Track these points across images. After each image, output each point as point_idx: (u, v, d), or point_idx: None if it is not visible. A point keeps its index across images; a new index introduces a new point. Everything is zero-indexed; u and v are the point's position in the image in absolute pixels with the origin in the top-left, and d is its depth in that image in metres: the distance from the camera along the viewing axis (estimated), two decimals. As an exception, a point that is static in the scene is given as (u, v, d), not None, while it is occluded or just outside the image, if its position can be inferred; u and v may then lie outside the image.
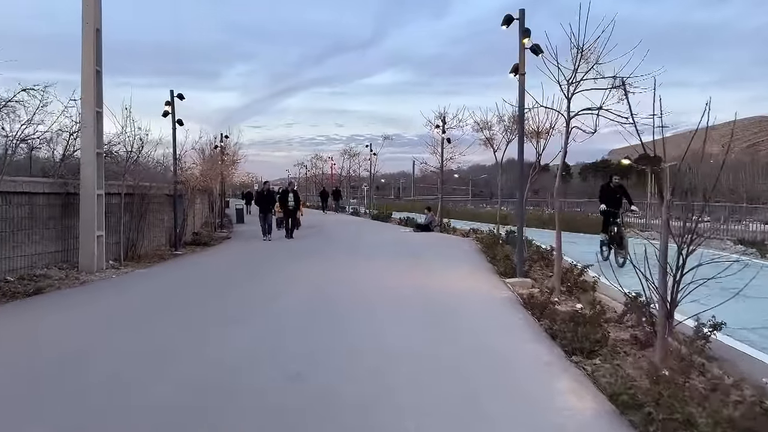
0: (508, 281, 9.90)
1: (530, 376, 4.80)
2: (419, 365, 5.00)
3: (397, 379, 4.62)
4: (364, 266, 11.76)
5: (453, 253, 14.60)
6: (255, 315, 7.16)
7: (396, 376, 4.69)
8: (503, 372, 4.91)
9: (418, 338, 5.93)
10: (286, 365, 4.94)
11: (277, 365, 4.96)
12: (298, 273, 10.88)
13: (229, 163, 34.33)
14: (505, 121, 17.56)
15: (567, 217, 27.85)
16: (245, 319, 6.92)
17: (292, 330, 6.22)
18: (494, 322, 6.79)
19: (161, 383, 4.49)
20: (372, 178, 38.31)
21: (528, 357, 5.26)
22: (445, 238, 19.36)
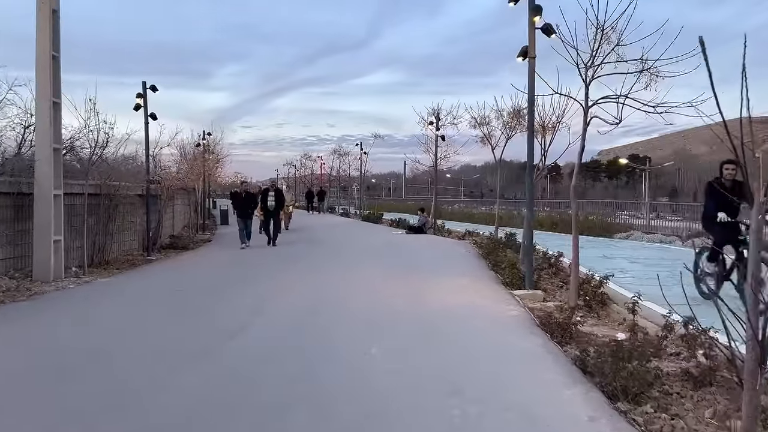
0: (516, 294, 8.71)
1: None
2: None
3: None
4: (351, 279, 10.34)
5: (451, 259, 13.40)
6: (209, 356, 5.38)
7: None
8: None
9: (415, 383, 4.71)
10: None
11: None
12: (275, 290, 9.26)
13: (213, 162, 33.07)
14: (504, 116, 16.40)
15: (566, 218, 26.78)
16: (190, 365, 5.67)
17: (247, 379, 4.85)
18: (508, 352, 5.58)
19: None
20: (362, 177, 37.04)
21: (563, 409, 4.04)
22: (439, 242, 18.16)
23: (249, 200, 17.04)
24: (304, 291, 9.10)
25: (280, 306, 7.87)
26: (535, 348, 5.66)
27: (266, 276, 10.95)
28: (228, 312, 7.44)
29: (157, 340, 6.07)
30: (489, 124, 16.97)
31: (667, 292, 3.79)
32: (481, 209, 39.99)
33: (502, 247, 13.79)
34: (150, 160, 16.17)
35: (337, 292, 8.95)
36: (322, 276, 10.75)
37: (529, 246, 9.11)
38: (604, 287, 8.35)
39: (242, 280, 10.50)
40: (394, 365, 5.03)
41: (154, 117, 14.93)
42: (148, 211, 15.05)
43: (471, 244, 16.75)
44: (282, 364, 5.10)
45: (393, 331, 6.34)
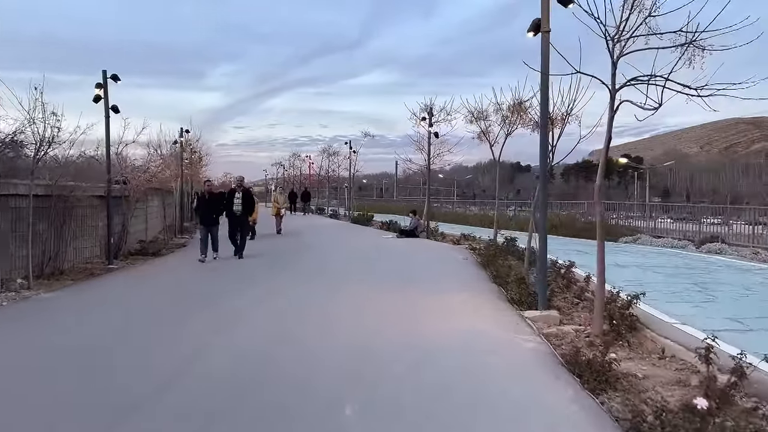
0: (527, 316, 7.27)
1: None
2: None
3: None
4: (328, 303, 8.24)
5: (447, 268, 11.94)
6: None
7: None
8: None
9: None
10: None
11: None
12: (226, 320, 7.19)
13: (194, 162, 31.47)
14: (503, 110, 14.97)
15: (566, 220, 25.44)
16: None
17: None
18: (529, 415, 4.11)
19: None
20: (352, 177, 35.52)
21: None
22: (434, 247, 16.70)
23: (213, 203, 14.08)
24: (266, 322, 7.13)
25: (233, 342, 6.38)
26: (565, 406, 4.21)
27: (223, 298, 9.26)
28: (162, 352, 5.90)
29: (57, 393, 4.58)
30: (487, 119, 15.53)
31: (707, 313, 2.34)
32: (474, 210, 38.58)
33: (503, 255, 12.35)
34: (115, 158, 14.64)
35: (308, 322, 7.01)
36: (292, 299, 8.69)
37: (543, 258, 7.66)
38: (633, 308, 6.92)
39: (193, 303, 8.78)
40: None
41: (116, 110, 13.39)
42: (109, 215, 13.50)
43: (468, 251, 15.32)
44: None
45: (376, 384, 4.86)
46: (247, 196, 14.55)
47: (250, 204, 14.56)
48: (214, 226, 13.89)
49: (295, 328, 6.69)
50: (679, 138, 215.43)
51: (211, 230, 13.82)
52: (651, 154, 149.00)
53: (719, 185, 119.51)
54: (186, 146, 24.66)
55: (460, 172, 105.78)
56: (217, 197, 14.40)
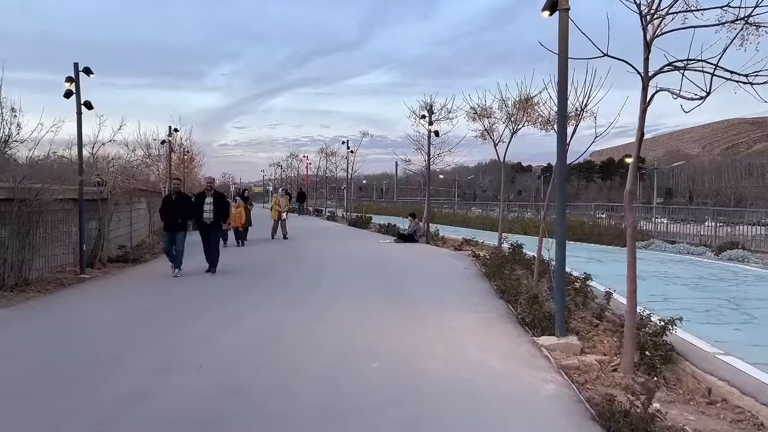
0: (543, 344, 6.20)
1: None
2: None
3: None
4: (304, 335, 6.68)
5: (448, 282, 10.84)
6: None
7: None
8: None
9: None
10: None
11: None
12: (196, 343, 6.22)
13: (186, 161, 30.43)
14: (508, 106, 13.91)
15: (573, 224, 24.36)
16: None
17: None
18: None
19: None
20: (350, 178, 34.42)
21: None
22: (434, 254, 15.60)
23: (180, 205, 11.62)
24: (231, 359, 5.74)
25: (185, 382, 5.30)
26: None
27: (201, 314, 8.21)
28: (88, 398, 4.85)
29: None
30: (491, 116, 14.46)
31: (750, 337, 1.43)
32: (476, 211, 37.49)
33: (509, 264, 11.27)
34: (90, 158, 13.61)
35: (273, 365, 5.50)
36: (267, 323, 7.30)
37: (561, 274, 6.57)
38: (668, 335, 5.85)
39: (149, 330, 7.65)
40: None
41: (88, 106, 12.33)
42: (81, 219, 12.43)
43: (471, 258, 14.24)
44: None
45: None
46: (220, 202, 12.14)
47: (224, 211, 12.23)
48: (178, 232, 11.55)
49: (255, 373, 5.34)
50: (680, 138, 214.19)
51: (175, 238, 11.50)
52: (653, 154, 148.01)
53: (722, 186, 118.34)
54: (174, 145, 23.59)
55: (461, 172, 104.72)
56: (186, 199, 12.11)
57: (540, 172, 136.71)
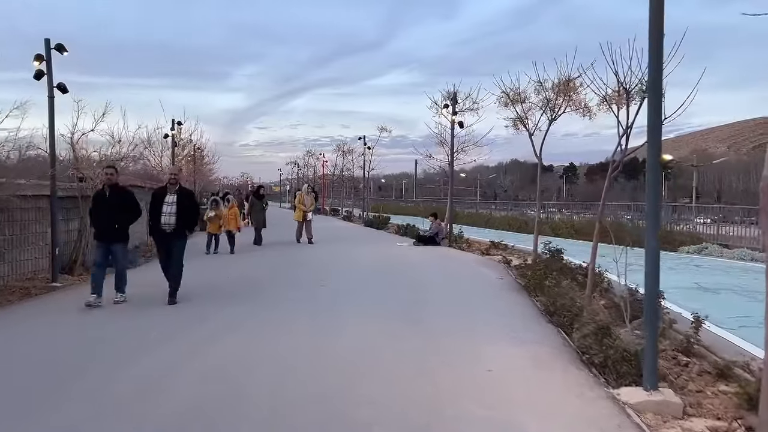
0: (626, 401, 4.32)
1: None
2: None
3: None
4: (293, 366, 5.16)
5: (479, 295, 8.96)
6: None
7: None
8: None
9: None
10: None
11: None
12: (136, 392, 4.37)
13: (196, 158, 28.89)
14: (546, 90, 11.99)
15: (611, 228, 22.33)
16: None
17: None
18: None
19: None
20: (367, 176, 32.62)
21: None
22: (459, 260, 13.70)
23: (116, 206, 8.26)
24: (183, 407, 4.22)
25: None
26: None
27: (159, 346, 6.40)
28: None
29: None
30: (525, 101, 12.56)
31: None
32: (500, 212, 35.47)
33: (552, 273, 9.36)
34: (71, 151, 11.99)
35: (249, 402, 4.24)
36: (236, 359, 5.42)
37: (652, 301, 4.66)
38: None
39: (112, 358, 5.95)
40: None
41: (63, 89, 10.70)
42: (53, 219, 10.78)
43: (502, 265, 12.35)
44: None
45: None
46: (186, 202, 8.53)
47: (190, 214, 8.60)
48: (115, 242, 8.27)
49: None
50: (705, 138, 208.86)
51: (111, 251, 8.27)
52: (676, 154, 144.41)
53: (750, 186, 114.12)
54: (178, 140, 22.00)
55: (482, 171, 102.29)
56: (126, 196, 8.50)
57: (562, 171, 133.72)
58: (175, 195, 8.50)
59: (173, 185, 8.62)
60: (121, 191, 8.56)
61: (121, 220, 8.32)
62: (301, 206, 17.77)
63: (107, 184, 8.39)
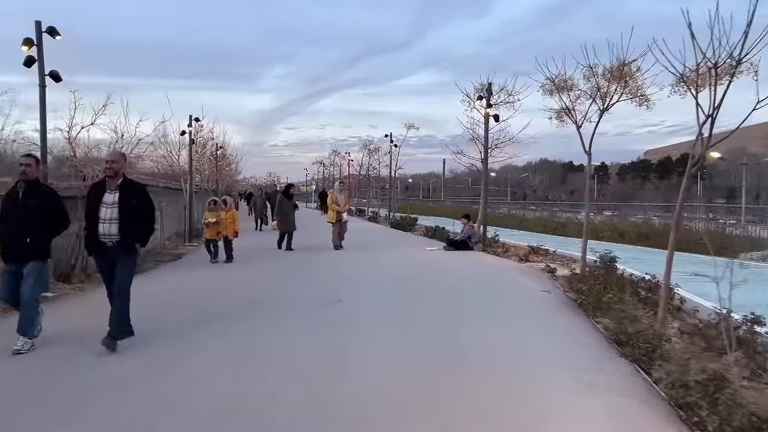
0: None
1: None
2: None
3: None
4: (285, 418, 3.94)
5: (525, 315, 7.51)
6: None
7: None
8: None
9: None
10: None
11: None
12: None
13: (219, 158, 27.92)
14: (597, 76, 10.51)
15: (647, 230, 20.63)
16: None
17: None
18: None
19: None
20: (393, 174, 31.25)
21: None
22: (496, 268, 12.26)
23: (30, 210, 5.85)
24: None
25: None
26: None
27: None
28: None
29: None
30: (573, 89, 11.09)
31: None
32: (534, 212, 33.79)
33: (613, 288, 7.90)
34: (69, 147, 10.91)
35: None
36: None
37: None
38: None
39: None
40: None
41: (56, 77, 9.62)
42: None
43: (546, 273, 10.91)
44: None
45: None
46: (134, 202, 5.96)
47: (143, 219, 6.09)
48: (27, 263, 5.86)
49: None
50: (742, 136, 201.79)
51: (21, 274, 5.85)
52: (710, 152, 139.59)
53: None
54: (197, 137, 20.94)
55: (511, 171, 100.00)
56: (48, 197, 6.12)
57: (593, 171, 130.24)
58: (116, 193, 5.91)
59: (113, 178, 5.97)
60: (38, 191, 6.01)
61: (34, 231, 5.83)
62: (335, 206, 15.55)
63: (22, 180, 5.89)
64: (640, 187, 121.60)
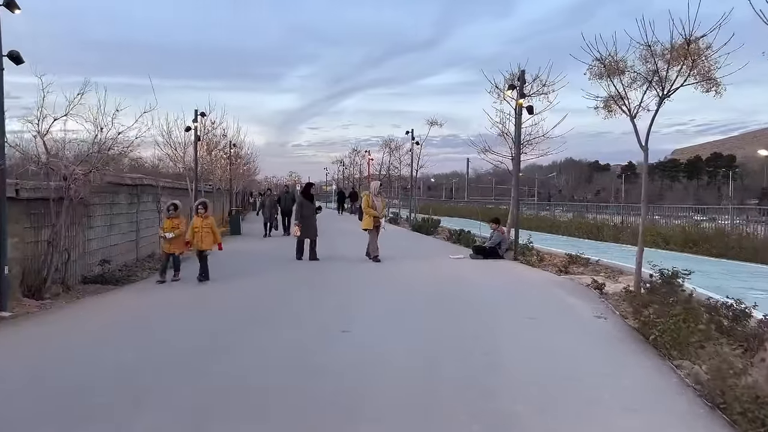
0: None
1: None
2: None
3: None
4: None
5: (584, 361, 5.69)
6: None
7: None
8: None
9: None
10: None
11: None
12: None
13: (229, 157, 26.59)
14: (657, 55, 8.77)
15: (696, 235, 18.70)
16: None
17: None
18: None
19: None
20: (414, 174, 29.59)
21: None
22: (533, 283, 10.52)
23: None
24: None
25: None
26: None
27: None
28: None
29: None
30: (626, 72, 9.35)
31: None
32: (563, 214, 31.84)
33: (689, 318, 6.19)
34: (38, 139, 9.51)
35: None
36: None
37: None
38: None
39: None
40: None
41: (16, 59, 8.18)
42: (1, 229, 8.26)
43: (593, 290, 9.22)
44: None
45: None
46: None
47: None
48: None
49: None
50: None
51: None
52: (742, 152, 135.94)
53: None
54: (203, 134, 19.55)
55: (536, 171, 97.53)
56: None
57: (620, 170, 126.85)
58: None
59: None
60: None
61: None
62: (371, 210, 13.28)
63: None
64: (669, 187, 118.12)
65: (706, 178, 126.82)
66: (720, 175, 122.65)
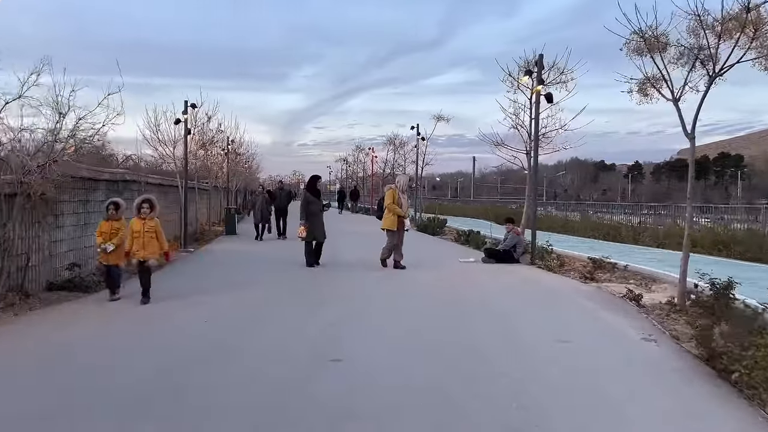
0: None
1: None
2: None
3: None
4: None
5: (641, 413, 4.36)
6: None
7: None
8: None
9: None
10: None
11: None
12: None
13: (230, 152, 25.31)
14: (709, 27, 7.43)
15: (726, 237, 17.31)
16: None
17: None
18: None
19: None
20: (420, 171, 28.25)
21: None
22: (557, 293, 9.10)
23: None
24: None
25: None
26: None
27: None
28: None
29: None
30: (670, 47, 8.00)
31: None
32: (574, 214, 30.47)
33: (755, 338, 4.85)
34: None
35: None
36: None
37: None
38: None
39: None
40: None
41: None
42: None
43: (628, 302, 7.87)
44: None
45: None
46: None
47: None
48: None
49: None
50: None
51: None
52: (747, 153, 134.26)
53: None
54: (193, 126, 18.23)
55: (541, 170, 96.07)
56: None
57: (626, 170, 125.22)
58: None
59: None
60: None
61: None
62: (396, 208, 11.77)
63: None
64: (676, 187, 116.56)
65: (714, 177, 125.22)
66: (727, 175, 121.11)
